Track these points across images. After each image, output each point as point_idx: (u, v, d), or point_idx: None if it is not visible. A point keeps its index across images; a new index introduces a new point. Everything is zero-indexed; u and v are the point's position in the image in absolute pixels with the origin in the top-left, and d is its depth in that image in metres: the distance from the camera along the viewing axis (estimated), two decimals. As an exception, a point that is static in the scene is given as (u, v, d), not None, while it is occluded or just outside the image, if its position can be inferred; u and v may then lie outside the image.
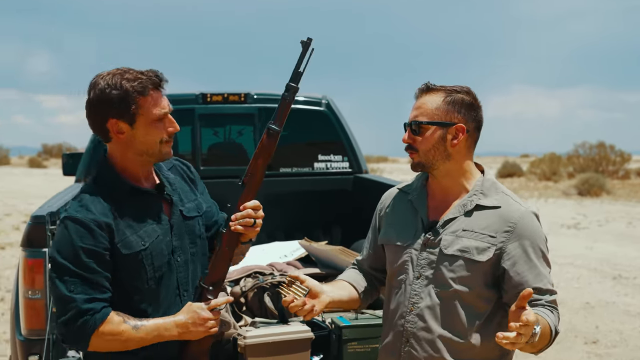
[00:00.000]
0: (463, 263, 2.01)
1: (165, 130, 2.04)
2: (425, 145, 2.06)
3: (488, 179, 2.13)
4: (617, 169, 28.31)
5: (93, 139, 4.63)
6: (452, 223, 2.06)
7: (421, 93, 2.11)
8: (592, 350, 6.17)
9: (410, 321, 2.06)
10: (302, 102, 4.84)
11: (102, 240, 1.96)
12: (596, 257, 10.65)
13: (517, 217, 2.03)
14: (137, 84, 1.96)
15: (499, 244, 2.01)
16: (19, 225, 13.80)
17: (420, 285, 2.06)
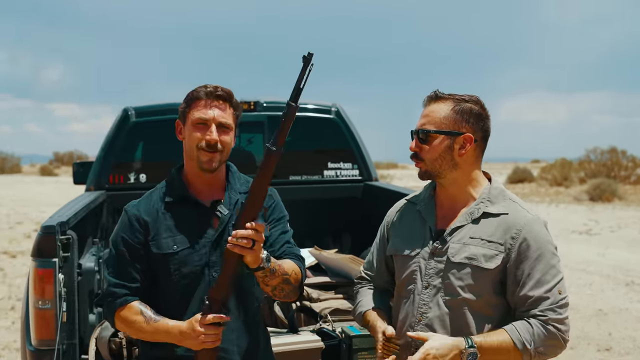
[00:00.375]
0: (470, 271, 2.01)
1: (202, 136, 2.15)
2: (431, 154, 2.06)
3: (496, 187, 2.12)
4: (629, 174, 28.12)
5: (103, 148, 4.65)
6: (459, 231, 2.06)
7: (429, 101, 2.10)
8: (605, 357, 6.11)
9: (419, 331, 2.05)
10: (312, 110, 4.84)
11: (138, 234, 2.16)
12: (608, 264, 10.57)
13: (523, 223, 2.02)
14: (196, 91, 2.19)
15: (505, 250, 2.01)
16: (30, 233, 13.87)
17: (429, 294, 2.05)
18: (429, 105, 2.09)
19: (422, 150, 2.07)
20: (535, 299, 1.99)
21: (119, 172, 4.59)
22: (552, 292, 1.99)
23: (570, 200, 22.07)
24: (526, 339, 1.96)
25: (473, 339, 1.95)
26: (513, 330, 1.97)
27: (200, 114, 2.17)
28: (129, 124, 4.61)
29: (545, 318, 1.97)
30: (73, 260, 3.03)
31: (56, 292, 2.89)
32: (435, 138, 2.05)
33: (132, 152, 4.67)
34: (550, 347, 2.00)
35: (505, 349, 1.96)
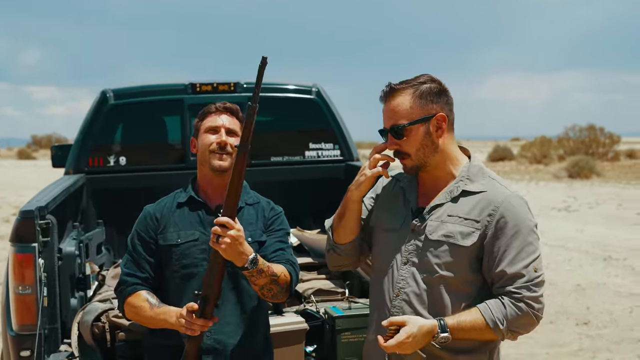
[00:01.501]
0: (447, 248, 2.02)
1: (214, 140, 2.37)
2: (414, 146, 2.06)
3: (475, 164, 2.13)
4: (607, 151, 28.47)
5: (82, 130, 4.59)
6: (438, 209, 2.08)
7: (388, 97, 2.08)
8: (583, 331, 6.22)
9: (397, 306, 2.07)
10: (293, 91, 4.81)
11: (150, 229, 2.39)
12: (587, 239, 10.73)
13: (501, 200, 2.03)
14: (208, 107, 2.46)
15: (482, 227, 2.02)
16: (8, 217, 13.73)
17: (407, 271, 2.07)
18: (389, 100, 2.08)
19: (402, 145, 2.06)
20: (511, 276, 1.99)
21: (98, 154, 4.54)
22: (528, 270, 2.00)
23: (549, 178, 22.30)
24: (498, 319, 1.98)
25: (446, 322, 1.97)
26: (486, 310, 1.99)
27: (211, 123, 2.41)
28: (108, 106, 4.55)
29: (520, 296, 1.98)
30: (53, 244, 3.01)
31: (36, 277, 2.87)
32: (411, 130, 2.05)
33: (111, 134, 4.61)
34: (522, 325, 2.02)
35: (479, 328, 1.98)
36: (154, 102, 4.60)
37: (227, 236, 2.08)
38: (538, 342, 5.92)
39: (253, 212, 2.46)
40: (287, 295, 2.33)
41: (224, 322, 2.32)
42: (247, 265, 2.14)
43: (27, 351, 2.90)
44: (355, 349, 2.94)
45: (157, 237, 2.37)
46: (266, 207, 2.49)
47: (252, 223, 2.42)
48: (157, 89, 4.71)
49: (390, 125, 2.06)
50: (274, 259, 2.33)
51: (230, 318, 2.33)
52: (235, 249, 2.10)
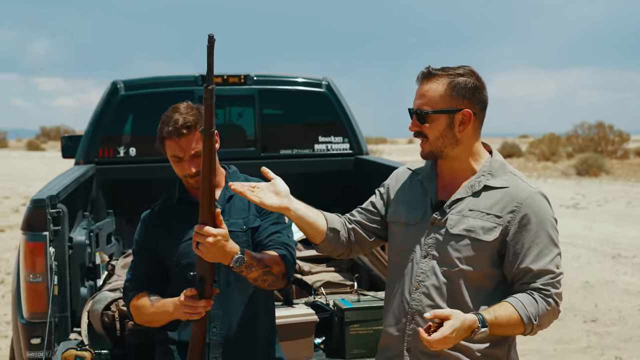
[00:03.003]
0: (469, 242, 2.01)
1: (183, 171, 2.33)
2: (433, 134, 2.04)
3: (496, 159, 2.12)
4: (615, 148, 28.31)
5: (92, 121, 4.61)
6: (459, 203, 2.06)
7: (423, 79, 2.06)
8: (591, 328, 6.21)
9: (416, 299, 2.05)
10: (302, 84, 4.81)
11: (147, 236, 2.41)
12: (595, 237, 10.69)
13: (524, 197, 2.02)
14: (161, 130, 2.33)
15: (505, 223, 2.01)
16: (18, 207, 13.81)
17: (427, 264, 2.05)
18: (424, 84, 2.06)
19: (423, 129, 2.06)
20: (536, 273, 1.99)
21: (108, 145, 4.56)
22: (551, 266, 2.00)
23: (557, 175, 22.22)
24: (532, 314, 1.97)
25: (485, 318, 1.94)
26: (519, 305, 1.97)
27: (172, 152, 2.33)
28: (118, 97, 4.56)
29: (549, 292, 1.99)
30: (64, 233, 3.02)
31: (47, 266, 2.88)
32: (434, 118, 2.03)
33: (121, 125, 4.63)
34: (548, 321, 2.02)
35: (513, 323, 1.96)
36: (164, 94, 4.61)
37: (205, 243, 2.03)
38: (545, 338, 5.91)
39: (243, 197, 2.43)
40: (285, 282, 2.29)
41: (228, 316, 2.33)
42: (232, 265, 2.10)
43: (38, 339, 2.91)
44: (364, 341, 2.94)
45: (155, 243, 2.39)
46: None
47: (244, 210, 2.40)
48: (167, 80, 4.72)
49: (416, 107, 2.06)
50: (269, 245, 2.31)
51: (235, 311, 2.34)
52: (217, 252, 2.06)
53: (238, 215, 2.39)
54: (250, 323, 2.36)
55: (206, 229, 2.03)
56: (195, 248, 2.07)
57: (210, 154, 2.03)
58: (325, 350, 3.05)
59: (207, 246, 2.03)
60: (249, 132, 4.76)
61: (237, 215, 2.39)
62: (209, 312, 2.23)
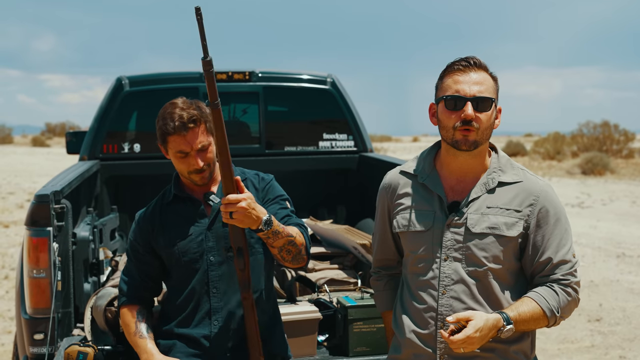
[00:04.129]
0: (494, 240, 2.01)
1: (189, 166, 2.30)
2: (486, 123, 2.02)
3: (502, 155, 2.13)
4: (620, 148, 28.20)
5: (96, 117, 4.61)
6: (474, 202, 2.05)
7: (474, 67, 2.03)
8: (595, 327, 6.19)
9: (445, 304, 2.02)
10: (307, 81, 4.80)
11: (143, 235, 2.40)
12: (600, 236, 10.65)
13: (539, 190, 2.06)
14: (165, 126, 2.27)
15: (525, 217, 2.03)
16: (22, 203, 13.84)
17: (450, 267, 2.03)
18: (476, 72, 2.02)
19: (478, 117, 2.00)
20: (557, 263, 2.02)
21: (112, 141, 4.56)
22: (569, 255, 2.04)
23: (562, 174, 22.16)
24: (554, 306, 1.99)
25: (509, 315, 1.96)
26: (541, 299, 1.99)
27: (178, 147, 2.28)
28: (123, 93, 4.56)
29: (568, 282, 2.02)
30: (67, 229, 3.02)
31: (51, 261, 2.88)
32: (489, 106, 2.02)
33: (126, 121, 4.63)
34: (570, 310, 2.05)
35: (537, 317, 1.99)
36: (168, 90, 4.61)
37: (238, 209, 2.08)
38: (549, 337, 5.89)
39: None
40: (307, 260, 2.32)
41: (230, 308, 2.33)
42: (262, 226, 2.13)
43: (41, 334, 2.91)
44: (367, 339, 2.93)
45: (152, 242, 2.39)
46: (255, 179, 2.46)
47: None
48: (172, 76, 4.72)
49: (476, 94, 2.00)
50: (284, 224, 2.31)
51: (236, 304, 2.33)
52: (249, 217, 2.11)
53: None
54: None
55: (234, 196, 2.09)
56: (228, 219, 2.11)
57: (221, 125, 2.09)
58: (329, 347, 3.04)
59: (240, 211, 2.08)
60: (254, 129, 4.75)
61: None
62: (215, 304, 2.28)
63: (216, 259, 2.34)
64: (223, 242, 2.34)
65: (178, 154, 2.29)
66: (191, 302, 2.35)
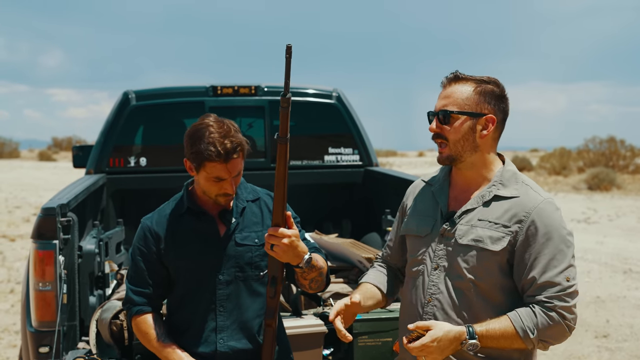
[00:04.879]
0: (476, 253, 1.99)
1: (220, 190, 2.27)
2: (455, 136, 2.03)
3: (508, 169, 2.10)
4: (627, 163, 28.12)
5: (103, 131, 4.63)
6: (469, 213, 2.05)
7: (450, 82, 2.07)
8: (602, 344, 6.14)
9: (428, 312, 2.04)
10: (313, 95, 4.82)
11: (151, 245, 2.34)
12: (607, 252, 10.59)
13: (532, 206, 1.99)
14: (207, 151, 2.19)
15: (512, 233, 1.98)
16: (29, 217, 13.87)
17: (438, 276, 2.04)
18: (449, 86, 2.06)
19: (444, 130, 2.04)
20: (541, 285, 1.95)
21: (119, 155, 4.58)
22: (559, 278, 1.95)
23: (568, 190, 22.09)
24: (529, 327, 1.93)
25: (475, 329, 1.93)
26: (516, 318, 1.94)
27: (216, 174, 2.22)
28: (130, 107, 4.59)
29: (551, 305, 1.94)
30: (73, 242, 3.03)
31: (56, 274, 2.89)
32: (457, 119, 2.02)
33: (132, 135, 4.66)
34: (554, 335, 1.97)
35: (508, 336, 1.94)
36: (175, 104, 4.64)
37: (281, 244, 2.08)
38: (556, 353, 5.85)
39: (256, 209, 2.42)
40: (325, 285, 2.34)
41: (236, 328, 2.33)
42: (302, 265, 2.15)
43: (46, 347, 2.92)
44: (372, 353, 2.92)
45: (160, 252, 2.34)
46: (268, 199, 2.45)
47: (257, 223, 2.39)
48: (178, 91, 4.75)
49: (440, 108, 2.05)
50: None
51: (242, 324, 2.33)
52: (291, 252, 2.11)
53: (251, 229, 2.39)
54: (256, 334, 2.35)
55: (281, 230, 2.09)
56: (269, 250, 2.11)
57: (284, 160, 2.10)
58: (334, 361, 3.03)
59: (282, 247, 2.09)
60: (259, 143, 4.77)
61: (249, 229, 2.39)
62: (221, 322, 2.29)
63: (225, 278, 2.33)
64: (234, 261, 2.33)
65: (213, 179, 2.25)
66: (197, 318, 2.34)
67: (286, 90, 2.03)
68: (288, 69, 2.02)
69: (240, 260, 2.33)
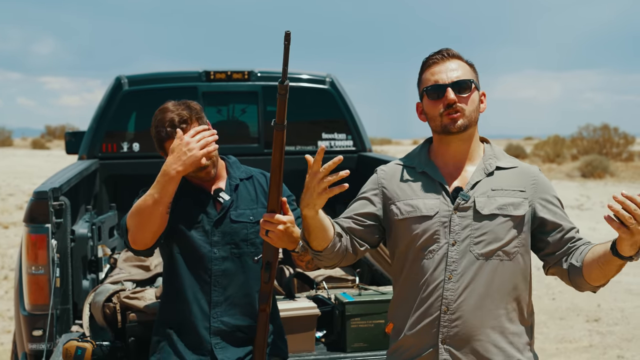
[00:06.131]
0: (504, 220, 2.05)
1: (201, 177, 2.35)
2: (471, 105, 2.09)
3: (495, 146, 2.21)
4: (620, 151, 28.21)
5: (95, 116, 4.61)
6: (477, 185, 2.09)
7: (448, 57, 2.12)
8: (593, 328, 6.19)
9: (450, 289, 2.02)
10: (306, 80, 4.81)
11: None
12: (599, 238, 10.64)
13: (535, 172, 2.16)
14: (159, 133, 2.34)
15: (529, 196, 2.10)
16: (22, 204, 13.85)
17: (458, 251, 2.04)
18: (451, 60, 2.11)
19: (461, 100, 2.08)
20: (575, 229, 2.12)
21: (111, 140, 4.57)
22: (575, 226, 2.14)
23: (562, 177, 22.17)
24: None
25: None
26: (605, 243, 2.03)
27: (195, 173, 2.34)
28: (122, 93, 4.57)
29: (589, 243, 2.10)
30: (66, 226, 3.03)
31: (49, 258, 2.89)
32: (472, 90, 2.10)
33: (124, 120, 4.64)
34: None
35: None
36: (167, 89, 4.62)
37: (276, 230, 2.09)
38: (548, 337, 5.90)
39: (250, 187, 2.47)
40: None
41: (230, 303, 2.36)
42: (298, 250, 2.16)
43: (39, 331, 2.93)
44: (365, 335, 2.94)
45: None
46: (262, 178, 2.49)
47: (252, 200, 2.43)
48: (171, 76, 4.73)
49: (454, 79, 2.08)
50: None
51: (236, 300, 2.37)
52: (286, 238, 2.12)
53: (246, 205, 2.42)
54: (249, 311, 2.38)
55: (277, 217, 2.10)
56: (264, 235, 2.12)
57: (281, 147, 2.13)
58: (327, 343, 3.05)
59: (277, 233, 2.10)
60: (252, 129, 4.76)
61: (244, 205, 2.42)
62: (215, 298, 2.31)
63: (220, 254, 2.37)
64: (229, 238, 2.37)
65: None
66: (192, 294, 2.37)
67: (284, 77, 2.03)
68: (286, 56, 2.02)
69: (235, 237, 2.37)
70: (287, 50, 2.01)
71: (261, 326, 2.30)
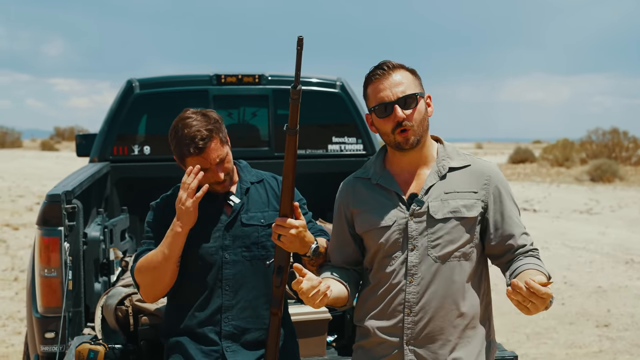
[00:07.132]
0: (456, 223, 2.09)
1: (209, 179, 2.33)
2: (418, 117, 2.10)
3: (448, 144, 2.23)
4: (630, 155, 28.09)
5: (107, 119, 4.64)
6: (431, 190, 2.12)
7: (390, 70, 2.11)
8: (603, 333, 6.17)
9: (412, 292, 2.09)
10: (316, 84, 4.81)
11: (162, 218, 2.37)
12: (609, 242, 10.62)
13: (489, 170, 2.17)
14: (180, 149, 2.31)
15: (481, 197, 2.13)
16: (32, 206, 13.92)
17: (417, 255, 2.10)
18: (392, 75, 2.10)
19: (409, 116, 2.09)
20: (520, 235, 2.13)
21: (123, 143, 4.58)
22: (522, 227, 2.16)
23: (571, 181, 22.10)
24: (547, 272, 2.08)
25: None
26: (540, 267, 2.07)
27: (199, 164, 2.31)
28: (133, 96, 4.59)
29: (536, 252, 2.14)
30: (78, 229, 3.05)
31: (62, 261, 2.91)
32: (416, 102, 2.10)
33: (136, 123, 4.66)
34: None
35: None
36: (178, 93, 4.64)
37: (288, 235, 2.12)
38: (557, 342, 5.88)
39: (262, 190, 2.48)
40: None
41: (241, 307, 2.37)
42: (310, 254, 2.18)
43: (52, 333, 2.94)
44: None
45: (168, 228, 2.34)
46: (273, 182, 2.50)
47: (263, 203, 2.44)
48: (182, 79, 4.74)
49: (399, 95, 2.09)
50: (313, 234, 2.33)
51: (247, 303, 2.38)
52: (298, 243, 2.14)
53: (257, 209, 2.43)
54: (260, 315, 2.39)
55: (289, 221, 2.12)
56: (276, 239, 2.14)
57: (293, 152, 2.15)
58: (337, 347, 3.06)
59: (289, 238, 2.12)
60: (263, 132, 4.77)
61: (255, 209, 2.43)
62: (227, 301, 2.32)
63: (231, 258, 2.37)
64: (240, 241, 2.38)
65: (200, 170, 2.32)
66: (203, 297, 2.37)
67: (297, 82, 2.05)
68: (299, 61, 2.04)
69: (246, 240, 2.37)
70: (299, 55, 2.03)
71: (273, 330, 2.31)
